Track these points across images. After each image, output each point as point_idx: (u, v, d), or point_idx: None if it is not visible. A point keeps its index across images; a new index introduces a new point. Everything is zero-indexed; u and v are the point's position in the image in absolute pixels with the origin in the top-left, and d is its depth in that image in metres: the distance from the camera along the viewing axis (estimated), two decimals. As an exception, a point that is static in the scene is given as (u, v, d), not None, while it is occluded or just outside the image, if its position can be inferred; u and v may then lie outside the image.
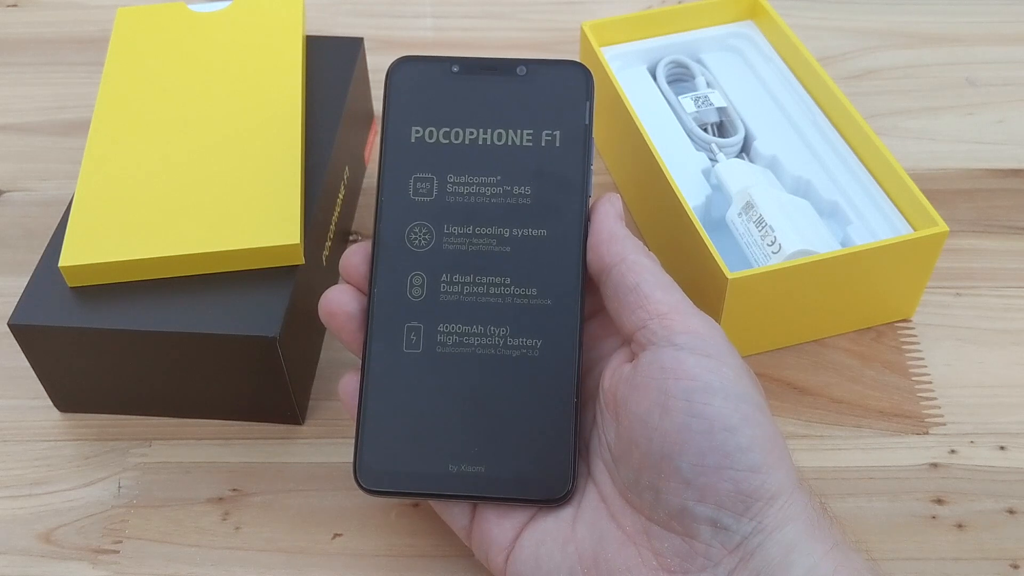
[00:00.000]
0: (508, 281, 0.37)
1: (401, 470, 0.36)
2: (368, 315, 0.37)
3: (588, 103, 0.38)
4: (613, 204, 0.37)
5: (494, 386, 0.36)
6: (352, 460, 0.36)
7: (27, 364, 0.44)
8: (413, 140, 0.38)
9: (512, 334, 0.36)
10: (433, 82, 0.38)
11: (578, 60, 0.38)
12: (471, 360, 0.36)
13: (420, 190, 0.37)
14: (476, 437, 0.36)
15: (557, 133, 0.37)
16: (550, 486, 0.35)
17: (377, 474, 0.36)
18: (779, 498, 0.32)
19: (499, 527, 0.36)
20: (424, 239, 0.37)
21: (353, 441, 0.36)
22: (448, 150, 0.38)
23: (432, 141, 0.38)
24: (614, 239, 0.36)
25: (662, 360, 0.33)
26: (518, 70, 0.38)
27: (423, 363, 0.36)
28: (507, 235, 0.37)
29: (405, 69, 0.38)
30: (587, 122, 0.37)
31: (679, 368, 0.32)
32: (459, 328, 0.36)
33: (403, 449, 0.36)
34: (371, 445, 0.36)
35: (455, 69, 0.38)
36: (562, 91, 0.38)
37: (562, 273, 0.36)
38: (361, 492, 0.36)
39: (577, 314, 0.36)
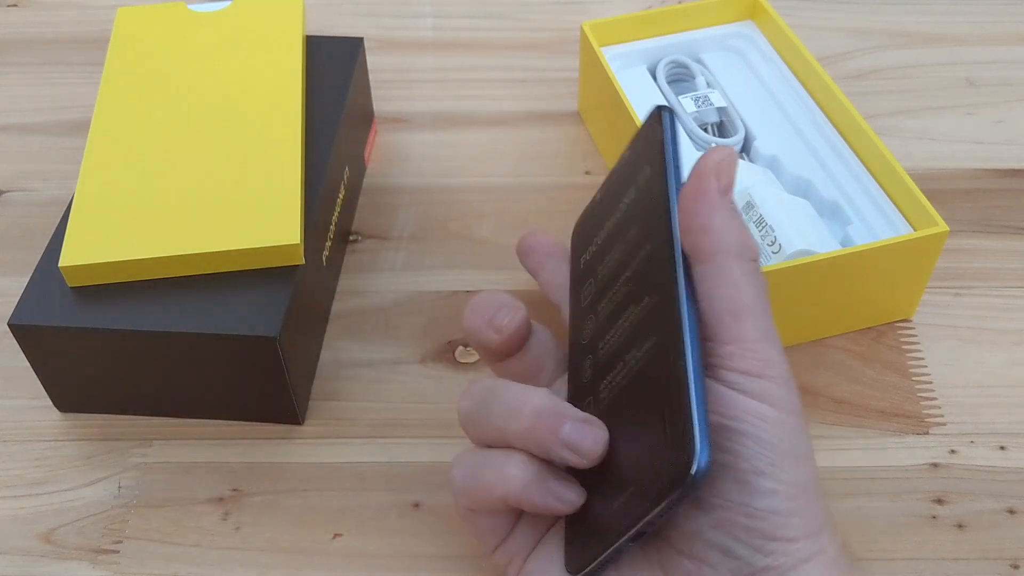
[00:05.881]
0: (633, 308, 0.36)
1: (582, 540, 0.35)
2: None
3: (660, 126, 0.38)
4: (718, 172, 0.34)
5: (627, 409, 0.35)
6: (564, 554, 0.36)
7: (27, 364, 0.44)
8: (582, 266, 0.42)
9: (637, 349, 0.35)
10: (588, 219, 0.43)
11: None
12: (616, 397, 0.35)
13: (585, 296, 0.41)
14: (619, 467, 0.34)
15: (647, 168, 0.38)
16: (678, 472, 0.31)
17: (575, 560, 0.35)
18: (799, 541, 0.31)
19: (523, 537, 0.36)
20: (589, 331, 0.39)
21: (565, 538, 0.36)
22: (596, 253, 0.41)
23: (589, 258, 0.42)
24: (707, 229, 0.33)
25: (710, 390, 0.32)
26: (625, 155, 0.41)
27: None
28: (629, 274, 0.37)
29: (579, 220, 0.45)
30: (661, 138, 0.38)
31: (721, 402, 0.32)
32: (609, 378, 0.36)
33: (580, 519, 0.35)
34: (571, 535, 0.36)
35: (598, 198, 0.43)
36: (647, 138, 0.39)
37: (661, 265, 0.35)
38: None
39: (678, 295, 0.33)
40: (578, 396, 0.38)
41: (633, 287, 0.37)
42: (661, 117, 0.39)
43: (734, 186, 0.34)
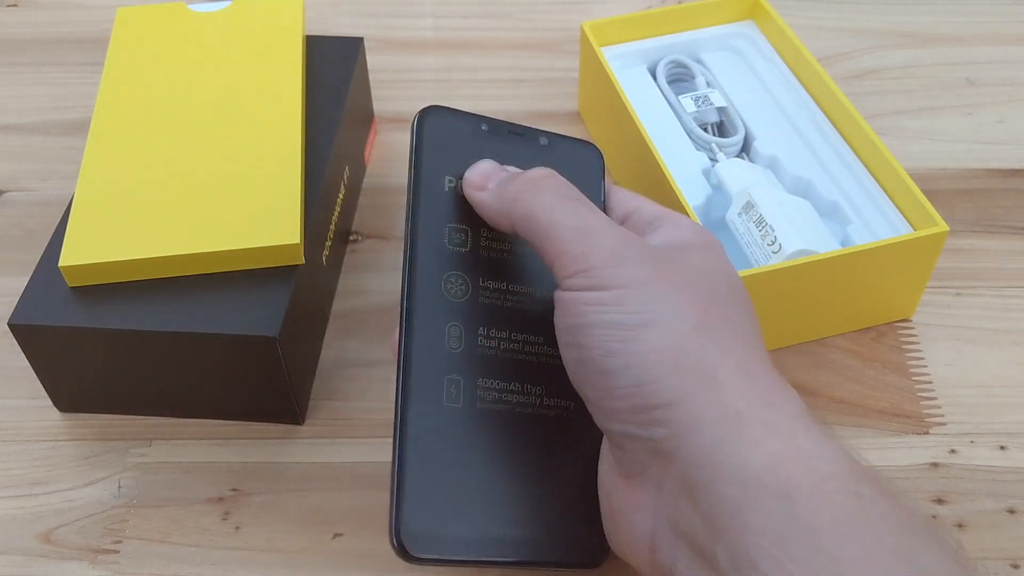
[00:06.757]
0: (542, 340, 0.36)
1: (445, 534, 0.33)
2: (402, 365, 0.34)
3: (603, 181, 0.39)
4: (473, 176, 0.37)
5: (533, 447, 0.35)
6: (389, 523, 0.32)
7: (27, 364, 0.44)
8: (446, 189, 0.37)
9: (548, 394, 0.35)
10: (463, 135, 0.38)
11: (591, 141, 0.40)
12: (510, 418, 0.35)
13: (455, 240, 0.36)
14: (518, 499, 0.34)
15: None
16: (589, 551, 0.34)
17: (421, 539, 0.32)
18: (682, 402, 0.31)
19: None
20: (460, 290, 0.36)
21: (390, 500, 0.33)
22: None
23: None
24: (502, 200, 0.35)
25: (557, 302, 0.34)
26: (540, 139, 0.39)
27: (464, 419, 0.34)
28: (538, 295, 0.36)
29: (435, 117, 0.37)
30: (603, 200, 0.38)
31: (565, 308, 0.33)
32: (498, 384, 0.35)
33: (446, 511, 0.33)
34: (413, 507, 0.33)
35: (483, 127, 0.38)
36: (580, 165, 0.39)
37: None
38: (398, 557, 0.32)
39: None
40: (430, 356, 0.35)
41: (550, 323, 0.35)
42: (601, 159, 0.39)
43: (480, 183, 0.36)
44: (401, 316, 0.35)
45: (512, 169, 0.37)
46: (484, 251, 0.37)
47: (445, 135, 0.37)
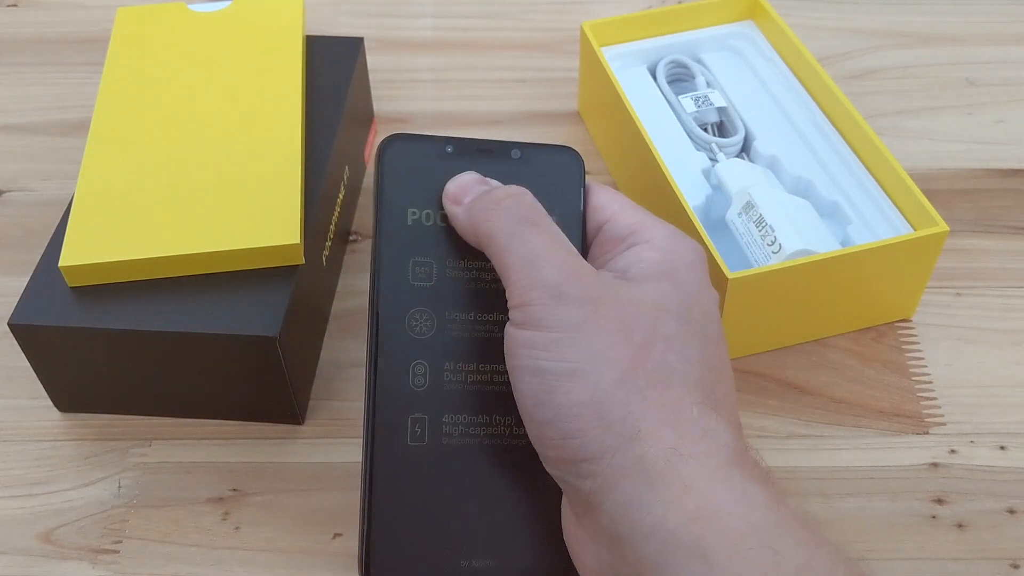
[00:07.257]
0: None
1: (412, 569, 0.34)
2: (368, 404, 0.35)
3: (582, 188, 0.37)
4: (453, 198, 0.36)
5: (501, 477, 0.35)
6: (360, 561, 0.34)
7: (27, 364, 0.44)
8: (410, 223, 0.36)
9: (517, 423, 0.34)
10: (427, 163, 0.37)
11: (570, 145, 0.38)
12: (477, 451, 0.35)
13: (419, 275, 0.36)
14: (485, 530, 0.35)
15: (554, 218, 0.36)
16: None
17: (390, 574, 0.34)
18: (604, 457, 0.31)
19: None
20: (425, 326, 0.36)
21: (359, 539, 0.34)
22: (445, 234, 0.36)
23: (429, 224, 0.36)
24: (474, 224, 0.35)
25: (505, 337, 0.33)
26: (512, 153, 0.37)
27: (428, 456, 0.35)
28: (507, 322, 0.36)
29: (397, 148, 0.37)
30: (582, 208, 0.37)
31: (509, 347, 0.33)
32: (464, 418, 0.35)
33: (413, 546, 0.34)
34: (381, 545, 0.34)
35: (449, 150, 0.37)
36: (556, 176, 0.37)
37: None
38: None
39: None
40: (393, 397, 0.35)
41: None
42: (581, 165, 0.37)
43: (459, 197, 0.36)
44: (366, 356, 0.35)
45: (493, 182, 0.36)
46: (450, 282, 0.36)
47: (408, 165, 0.37)
